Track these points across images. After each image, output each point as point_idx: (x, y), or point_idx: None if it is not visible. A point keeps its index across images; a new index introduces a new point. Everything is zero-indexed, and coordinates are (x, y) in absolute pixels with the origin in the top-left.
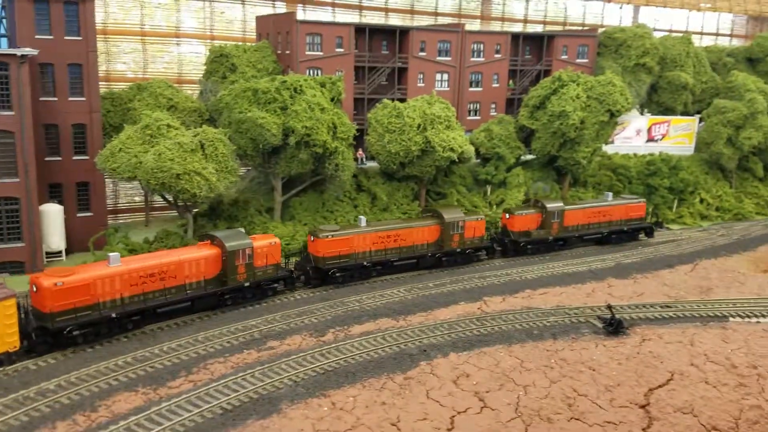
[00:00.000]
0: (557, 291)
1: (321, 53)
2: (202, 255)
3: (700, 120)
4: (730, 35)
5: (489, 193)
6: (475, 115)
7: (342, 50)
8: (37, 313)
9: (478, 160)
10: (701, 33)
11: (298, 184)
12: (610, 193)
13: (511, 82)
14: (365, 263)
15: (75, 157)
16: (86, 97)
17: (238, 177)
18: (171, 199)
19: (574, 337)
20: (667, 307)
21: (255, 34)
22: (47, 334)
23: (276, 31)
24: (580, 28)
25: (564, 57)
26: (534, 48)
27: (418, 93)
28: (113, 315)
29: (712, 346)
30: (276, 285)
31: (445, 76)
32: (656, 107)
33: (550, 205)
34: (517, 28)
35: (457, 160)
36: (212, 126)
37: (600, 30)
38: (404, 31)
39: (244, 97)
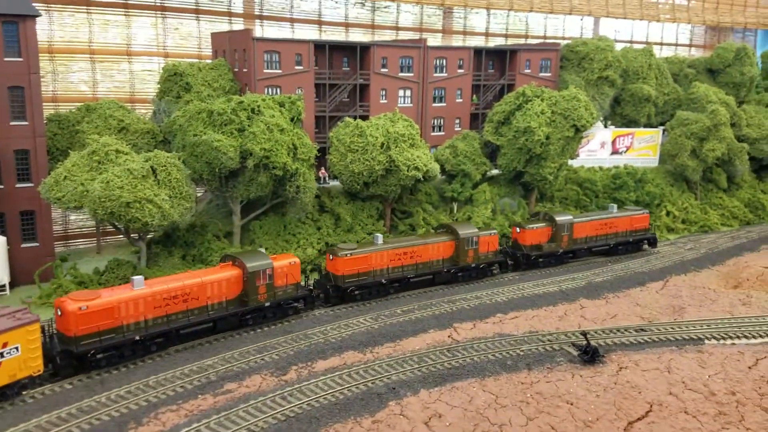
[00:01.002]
0: (529, 314)
1: (280, 71)
2: (224, 276)
3: (664, 132)
4: (689, 45)
5: (455, 210)
6: (440, 131)
7: (301, 68)
8: (61, 336)
9: (444, 177)
10: (661, 44)
11: (257, 207)
12: (615, 205)
13: (474, 97)
14: (383, 280)
15: (18, 185)
16: (29, 122)
17: (194, 202)
18: (122, 227)
19: (549, 367)
20: (642, 330)
21: (211, 50)
22: (72, 357)
23: (233, 48)
24: (541, 40)
25: (527, 71)
26: (497, 62)
27: (381, 109)
28: (137, 337)
29: (689, 373)
30: (296, 304)
31: (408, 92)
32: (620, 119)
33: (559, 218)
34: (479, 41)
35: (422, 179)
36: (167, 148)
37: (562, 43)
38: (365, 47)
39: (199, 119)
